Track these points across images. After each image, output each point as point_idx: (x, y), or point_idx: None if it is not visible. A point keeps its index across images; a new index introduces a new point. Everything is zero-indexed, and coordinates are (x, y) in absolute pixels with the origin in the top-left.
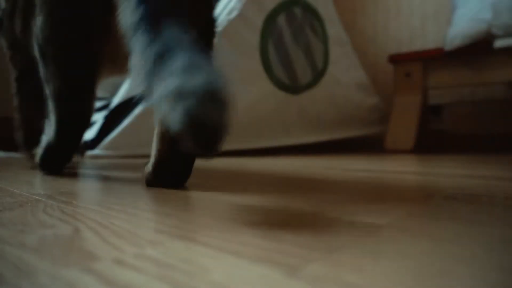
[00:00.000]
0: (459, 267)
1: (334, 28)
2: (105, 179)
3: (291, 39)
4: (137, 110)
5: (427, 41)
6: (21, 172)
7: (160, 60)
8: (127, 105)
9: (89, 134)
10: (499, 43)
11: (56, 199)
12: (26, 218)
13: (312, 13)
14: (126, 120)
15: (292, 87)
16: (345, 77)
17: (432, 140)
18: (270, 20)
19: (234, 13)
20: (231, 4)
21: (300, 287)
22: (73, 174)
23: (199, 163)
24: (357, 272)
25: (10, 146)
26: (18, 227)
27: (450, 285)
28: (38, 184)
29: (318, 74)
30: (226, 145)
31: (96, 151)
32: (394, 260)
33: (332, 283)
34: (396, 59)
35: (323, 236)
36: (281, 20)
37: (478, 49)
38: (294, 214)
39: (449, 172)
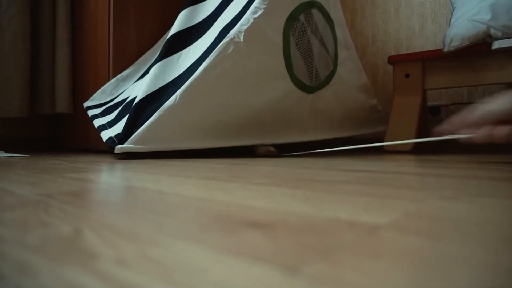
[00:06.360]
0: (459, 267)
1: (341, 31)
2: (106, 179)
3: (309, 39)
4: (166, 103)
5: (426, 42)
6: (22, 172)
7: None
8: (153, 99)
9: (117, 129)
10: (497, 44)
11: (57, 199)
12: (27, 218)
13: (325, 15)
14: (154, 114)
15: (308, 86)
16: (351, 78)
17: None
18: (291, 20)
19: (259, 12)
20: (255, 4)
21: (300, 287)
22: (75, 174)
23: (199, 163)
24: (357, 272)
25: (11, 146)
26: (19, 227)
27: (450, 285)
28: (40, 184)
29: (330, 74)
30: (249, 142)
31: (125, 146)
32: (394, 260)
33: (332, 283)
34: (395, 60)
35: (323, 236)
36: (301, 20)
37: (477, 51)
38: (294, 214)
39: (448, 172)
